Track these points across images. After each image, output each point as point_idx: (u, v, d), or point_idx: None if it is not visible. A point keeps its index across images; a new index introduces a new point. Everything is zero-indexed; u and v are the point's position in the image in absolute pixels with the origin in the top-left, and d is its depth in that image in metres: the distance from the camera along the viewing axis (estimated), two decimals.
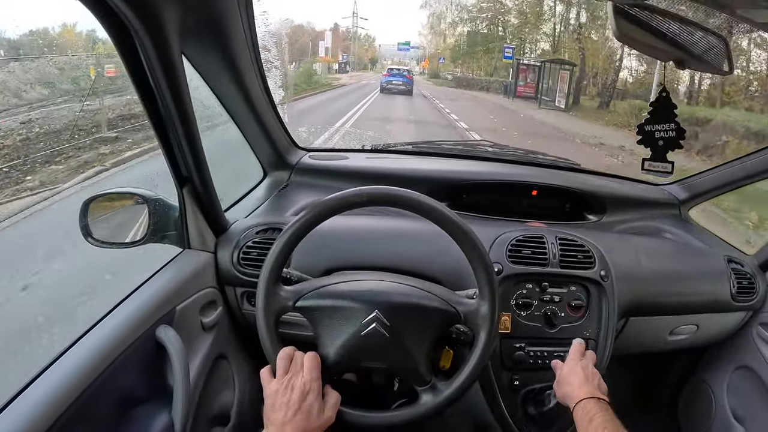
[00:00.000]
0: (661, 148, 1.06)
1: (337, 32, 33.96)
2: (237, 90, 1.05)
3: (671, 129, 1.03)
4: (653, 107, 1.03)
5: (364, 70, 34.85)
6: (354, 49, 34.72)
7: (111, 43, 0.71)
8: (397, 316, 0.84)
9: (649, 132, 1.05)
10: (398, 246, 1.12)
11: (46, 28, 5.46)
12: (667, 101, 1.01)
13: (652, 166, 1.09)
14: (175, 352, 0.86)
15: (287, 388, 0.80)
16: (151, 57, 0.72)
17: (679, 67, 0.86)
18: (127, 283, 0.92)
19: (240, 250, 1.10)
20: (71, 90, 5.39)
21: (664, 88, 0.99)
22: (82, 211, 0.99)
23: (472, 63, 27.59)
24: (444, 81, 28.14)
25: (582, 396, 0.88)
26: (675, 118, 1.03)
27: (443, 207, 0.85)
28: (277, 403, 0.80)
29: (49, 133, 4.23)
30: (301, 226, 0.85)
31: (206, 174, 0.97)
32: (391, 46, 32.56)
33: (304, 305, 0.86)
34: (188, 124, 0.85)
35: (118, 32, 0.70)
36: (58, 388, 0.69)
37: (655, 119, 1.03)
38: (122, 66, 0.75)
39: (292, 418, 0.78)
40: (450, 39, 29.26)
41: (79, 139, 4.32)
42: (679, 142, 1.05)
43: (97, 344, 0.77)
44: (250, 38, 0.95)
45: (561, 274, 1.12)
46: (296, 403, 0.79)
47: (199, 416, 0.97)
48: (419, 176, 1.40)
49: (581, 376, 0.93)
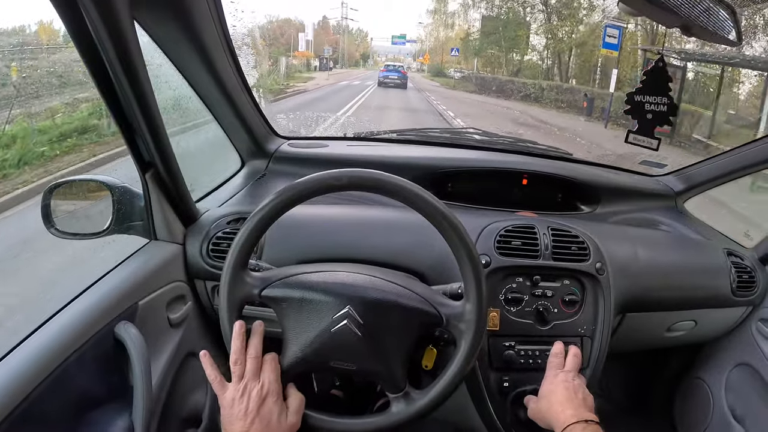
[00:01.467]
0: (649, 122, 1.00)
1: (327, 26, 31.76)
2: (206, 70, 0.98)
3: (663, 103, 0.97)
4: (646, 76, 0.97)
5: (354, 67, 32.45)
6: (344, 43, 31.85)
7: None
8: (371, 313, 0.78)
9: (638, 102, 0.98)
10: (377, 236, 1.06)
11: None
12: (663, 72, 0.95)
13: (636, 139, 1.03)
14: (136, 351, 0.80)
15: (243, 395, 0.74)
16: (97, 23, 0.65)
17: (686, 33, 0.79)
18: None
19: (210, 241, 1.03)
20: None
21: (661, 57, 0.93)
22: (44, 199, 0.93)
23: (493, 57, 21.72)
24: (457, 82, 23.34)
25: (567, 421, 0.79)
26: (669, 92, 0.97)
27: (429, 195, 0.78)
28: (234, 414, 0.73)
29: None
30: (272, 209, 0.77)
31: (171, 158, 0.90)
32: (384, 41, 31.02)
33: (270, 294, 0.79)
34: (147, 102, 0.78)
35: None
36: (4, 387, 0.63)
37: (646, 90, 0.97)
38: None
39: (251, 427, 0.71)
40: (460, 26, 24.96)
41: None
42: (668, 119, 0.98)
43: (49, 341, 0.72)
44: (216, 12, 0.88)
45: (554, 267, 1.06)
46: (254, 410, 0.72)
47: (168, 417, 0.91)
48: (403, 163, 1.33)
49: (563, 395, 0.85)
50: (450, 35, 26.92)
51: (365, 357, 0.78)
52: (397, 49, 32.40)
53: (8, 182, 2.45)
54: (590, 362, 1.05)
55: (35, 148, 2.81)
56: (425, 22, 29.18)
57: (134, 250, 0.97)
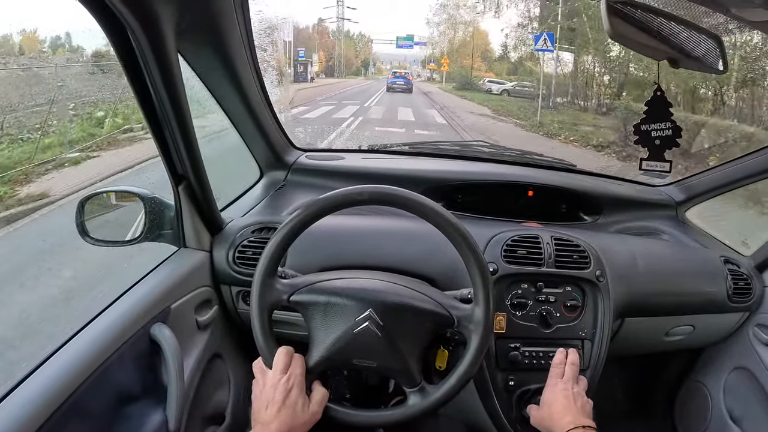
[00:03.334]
0: (658, 147, 1.05)
1: (324, 29, 26.08)
2: (233, 89, 1.05)
3: (667, 128, 1.03)
4: (648, 106, 1.03)
5: (352, 76, 26.71)
6: (340, 48, 26.30)
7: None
8: (390, 315, 0.84)
9: (645, 131, 1.04)
10: (393, 245, 1.12)
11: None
12: (662, 100, 1.01)
13: (650, 165, 1.09)
14: (170, 350, 0.86)
15: (272, 386, 0.80)
16: (147, 54, 0.72)
17: (673, 65, 0.86)
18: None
19: (235, 249, 1.10)
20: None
21: (658, 87, 0.99)
22: (78, 210, 1.00)
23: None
24: (510, 103, 14.18)
25: (566, 427, 0.86)
26: (671, 117, 1.03)
27: (441, 209, 0.85)
28: (262, 402, 0.80)
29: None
30: (302, 220, 0.84)
31: (202, 172, 0.97)
32: (388, 44, 24.41)
33: (298, 299, 0.86)
34: (184, 122, 0.85)
35: (114, 30, 0.70)
36: (52, 385, 0.69)
37: (651, 118, 1.03)
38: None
39: (277, 415, 0.78)
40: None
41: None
42: (675, 141, 1.05)
43: (92, 341, 0.78)
44: (246, 37, 0.96)
45: (556, 274, 1.12)
46: (280, 400, 0.79)
47: (193, 415, 0.96)
48: (415, 176, 1.40)
49: (562, 403, 0.91)
50: (470, 32, 20.91)
51: (384, 355, 0.85)
52: (402, 55, 26.81)
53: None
54: (590, 364, 1.11)
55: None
56: (435, 19, 22.45)
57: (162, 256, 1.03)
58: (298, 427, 0.79)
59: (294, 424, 0.78)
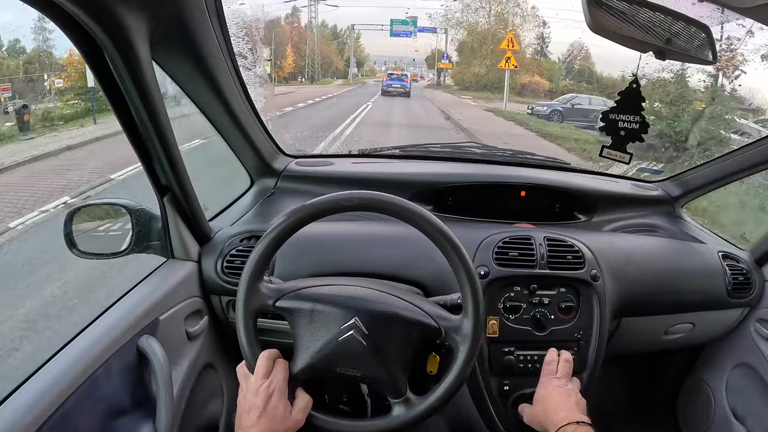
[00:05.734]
0: (622, 138, 1.05)
1: (298, 22, 19.53)
2: (215, 97, 1.04)
3: (635, 121, 1.03)
4: (621, 96, 1.02)
5: (324, 82, 19.57)
6: (313, 44, 19.66)
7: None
8: (376, 325, 0.83)
9: (612, 120, 1.04)
10: (380, 251, 1.11)
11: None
12: (636, 93, 1.00)
13: (610, 153, 1.08)
14: (158, 362, 0.86)
15: (253, 392, 0.79)
16: (119, 67, 0.72)
17: (660, 57, 0.84)
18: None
19: (224, 258, 1.09)
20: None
21: (635, 79, 0.98)
22: (65, 223, 1.00)
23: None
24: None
25: (560, 422, 0.85)
26: (641, 111, 1.02)
27: (432, 216, 0.83)
28: (244, 408, 0.79)
29: None
30: (289, 225, 0.83)
31: (186, 182, 0.97)
32: (378, 32, 18.00)
33: (284, 305, 0.84)
34: (163, 132, 0.84)
35: (84, 43, 0.69)
36: (38, 399, 0.68)
37: (621, 109, 1.02)
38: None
39: (257, 421, 0.76)
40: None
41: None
42: (640, 136, 1.04)
43: (79, 354, 0.77)
44: (225, 44, 0.95)
45: (550, 276, 1.10)
46: (260, 406, 0.77)
47: (185, 427, 0.96)
48: (405, 180, 1.39)
49: (556, 399, 0.90)
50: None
51: (369, 364, 0.83)
52: (398, 56, 20.42)
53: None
54: (587, 366, 1.09)
55: None
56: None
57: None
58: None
59: (275, 430, 0.77)
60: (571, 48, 13.10)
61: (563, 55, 13.79)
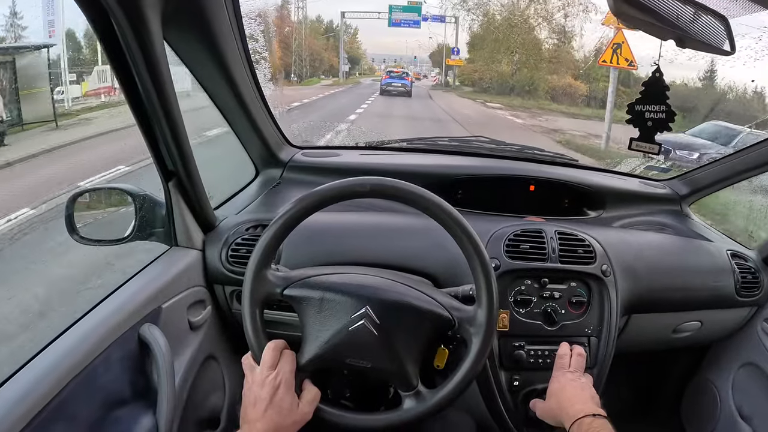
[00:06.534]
0: (650, 129, 1.04)
1: (286, 16, 16.92)
2: (225, 83, 1.02)
3: (661, 111, 1.02)
4: (645, 87, 1.01)
5: (307, 82, 16.83)
6: (301, 38, 17.04)
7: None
8: (388, 314, 0.80)
9: (639, 112, 1.03)
10: (391, 241, 1.09)
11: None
12: (660, 82, 0.99)
13: (639, 145, 1.08)
14: (160, 352, 0.83)
15: (259, 384, 0.77)
16: (130, 42, 0.69)
17: (680, 45, 0.83)
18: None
19: (229, 247, 1.07)
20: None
21: (658, 68, 0.97)
22: (68, 204, 0.97)
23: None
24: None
25: (577, 415, 0.82)
26: (666, 100, 1.01)
27: (446, 204, 0.81)
28: (249, 400, 0.76)
29: None
30: (299, 211, 0.80)
31: (193, 168, 0.94)
32: (375, 21, 15.61)
33: (292, 294, 0.82)
34: (172, 115, 0.82)
35: (97, 16, 0.67)
36: (35, 387, 0.66)
37: (646, 99, 1.02)
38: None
39: (263, 414, 0.74)
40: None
41: None
42: (668, 124, 1.03)
43: (78, 342, 0.75)
44: (236, 26, 0.92)
45: (561, 270, 1.09)
46: (267, 399, 0.75)
47: (187, 418, 0.94)
48: (414, 172, 1.36)
49: (571, 392, 0.88)
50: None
51: (380, 355, 0.81)
52: (398, 54, 18.17)
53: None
54: (597, 361, 1.08)
55: None
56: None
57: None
58: (286, 427, 0.75)
59: (281, 423, 0.74)
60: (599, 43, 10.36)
61: (590, 51, 10.65)
